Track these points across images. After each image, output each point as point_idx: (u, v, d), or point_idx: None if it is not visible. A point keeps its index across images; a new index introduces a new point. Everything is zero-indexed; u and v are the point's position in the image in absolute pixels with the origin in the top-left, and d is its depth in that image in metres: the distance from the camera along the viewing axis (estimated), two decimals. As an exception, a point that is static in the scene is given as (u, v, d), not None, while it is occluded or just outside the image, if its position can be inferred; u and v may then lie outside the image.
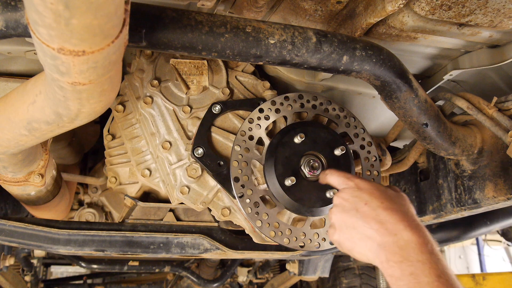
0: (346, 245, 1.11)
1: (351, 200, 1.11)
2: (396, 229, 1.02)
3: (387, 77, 1.23)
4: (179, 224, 1.77)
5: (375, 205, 1.07)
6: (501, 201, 1.50)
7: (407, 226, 1.01)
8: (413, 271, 0.95)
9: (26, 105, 1.10)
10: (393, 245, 1.00)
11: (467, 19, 1.28)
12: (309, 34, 1.14)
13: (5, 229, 1.59)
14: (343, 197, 1.14)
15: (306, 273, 2.98)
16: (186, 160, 1.49)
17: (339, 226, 1.13)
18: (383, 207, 1.06)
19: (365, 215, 1.07)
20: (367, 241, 1.05)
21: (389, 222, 1.03)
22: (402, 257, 0.98)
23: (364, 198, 1.09)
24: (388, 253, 1.00)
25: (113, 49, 0.78)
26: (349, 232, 1.10)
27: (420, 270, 0.95)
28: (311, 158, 1.36)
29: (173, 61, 1.53)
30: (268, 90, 1.60)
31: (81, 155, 2.40)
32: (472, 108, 1.49)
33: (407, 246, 0.99)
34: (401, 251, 0.99)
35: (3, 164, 1.44)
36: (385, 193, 1.11)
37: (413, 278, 0.95)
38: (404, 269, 0.96)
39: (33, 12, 0.67)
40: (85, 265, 3.47)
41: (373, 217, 1.05)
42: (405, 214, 1.05)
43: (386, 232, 1.02)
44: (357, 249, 1.08)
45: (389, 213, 1.04)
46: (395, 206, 1.06)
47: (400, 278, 0.97)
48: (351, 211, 1.10)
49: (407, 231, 1.00)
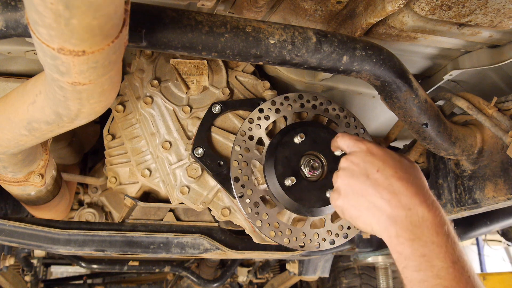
0: (351, 212, 1.02)
1: (362, 165, 1.01)
2: (410, 203, 0.92)
3: (387, 77, 1.23)
4: (179, 224, 1.77)
5: (389, 174, 0.97)
6: (501, 201, 1.50)
7: (423, 201, 0.92)
8: (426, 253, 0.87)
9: (26, 105, 1.10)
10: (406, 220, 0.91)
11: (467, 19, 1.28)
12: (309, 34, 1.14)
13: (5, 229, 1.59)
14: (352, 160, 1.04)
15: (306, 273, 2.98)
16: (186, 160, 1.49)
17: (345, 191, 1.03)
18: (397, 176, 0.96)
19: (377, 183, 0.97)
20: (375, 211, 0.96)
21: (403, 194, 0.94)
22: (415, 235, 0.89)
23: (377, 164, 0.99)
24: (399, 228, 0.91)
25: (113, 49, 0.78)
26: (355, 199, 1.00)
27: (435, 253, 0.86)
28: (311, 158, 1.36)
29: (173, 61, 1.53)
30: (268, 90, 1.61)
31: (81, 155, 2.40)
32: (472, 108, 1.49)
33: (422, 224, 0.90)
34: (414, 228, 0.90)
35: (3, 164, 1.44)
36: (400, 162, 1.01)
37: (425, 260, 0.87)
38: (416, 249, 0.88)
39: (33, 12, 0.67)
40: (85, 265, 3.47)
41: (386, 187, 0.96)
42: (421, 188, 0.96)
43: (399, 205, 0.93)
44: (362, 218, 0.99)
45: (404, 184, 0.95)
46: (410, 178, 0.97)
47: (410, 257, 0.88)
48: (360, 176, 1.00)
49: (423, 207, 0.91)
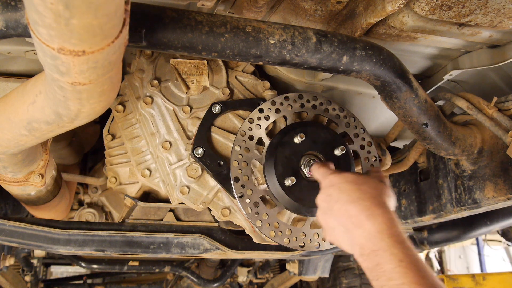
0: (337, 244, 1.12)
1: (326, 199, 1.12)
2: (359, 221, 1.02)
3: (387, 77, 1.23)
4: (179, 224, 1.77)
5: (344, 201, 1.07)
6: (501, 201, 1.50)
7: (369, 215, 1.01)
8: (378, 261, 0.95)
9: (26, 105, 1.10)
10: (360, 237, 1.00)
11: (467, 19, 1.28)
12: (309, 34, 1.14)
13: (5, 229, 1.59)
14: (320, 198, 1.16)
15: (306, 273, 2.98)
16: (186, 160, 1.49)
17: (326, 228, 1.14)
18: (350, 200, 1.06)
19: (337, 213, 1.07)
20: (344, 237, 1.06)
21: (354, 215, 1.03)
22: (369, 248, 0.98)
23: (335, 195, 1.10)
24: (358, 247, 1.01)
25: (113, 49, 0.78)
26: (332, 232, 1.11)
27: (383, 258, 0.94)
28: (311, 158, 1.36)
29: (173, 61, 1.53)
30: (268, 90, 1.60)
31: (81, 155, 2.40)
32: (472, 108, 1.49)
33: (370, 237, 0.99)
34: (367, 243, 0.99)
35: (3, 164, 1.44)
36: (355, 183, 1.10)
37: (379, 268, 0.94)
38: (373, 260, 0.96)
39: (33, 12, 0.67)
40: (85, 265, 3.47)
41: (342, 214, 1.06)
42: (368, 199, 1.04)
43: (353, 226, 1.03)
44: (344, 246, 1.09)
45: (354, 205, 1.04)
46: (360, 195, 1.06)
47: (372, 269, 0.96)
48: (328, 211, 1.11)
49: (368, 220, 1.00)
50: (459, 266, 8.45)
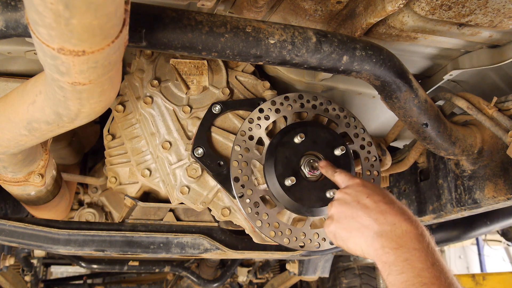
0: (342, 235, 1.13)
1: (353, 193, 1.14)
2: (395, 220, 1.04)
3: (387, 77, 1.23)
4: (179, 224, 1.77)
5: (377, 199, 1.10)
6: (501, 201, 1.50)
7: (407, 219, 1.04)
8: (408, 257, 0.97)
9: (26, 105, 1.10)
10: (391, 233, 1.02)
11: (467, 19, 1.28)
12: (309, 34, 1.14)
13: (5, 229, 1.59)
14: (346, 191, 1.17)
15: (306, 273, 2.98)
16: (186, 160, 1.49)
17: (337, 217, 1.14)
18: (384, 201, 1.09)
19: (366, 206, 1.09)
20: (364, 230, 1.07)
21: (389, 213, 1.06)
22: (398, 244, 1.00)
23: (366, 192, 1.13)
24: (384, 240, 1.02)
25: (113, 49, 0.78)
26: (347, 222, 1.12)
27: (416, 257, 0.96)
28: (311, 158, 1.36)
29: (173, 61, 1.53)
30: (268, 90, 1.60)
31: (81, 155, 2.40)
32: (472, 108, 1.49)
33: (405, 235, 1.01)
34: (398, 239, 1.00)
35: (3, 164, 1.44)
36: (387, 193, 1.14)
37: (407, 263, 0.96)
38: (399, 255, 0.98)
39: (33, 12, 0.67)
40: (85, 265, 3.47)
41: (373, 208, 1.08)
42: (404, 210, 1.08)
43: (385, 222, 1.04)
44: (352, 239, 1.10)
45: (390, 206, 1.07)
46: (395, 203, 1.10)
47: (394, 263, 0.98)
48: (352, 203, 1.12)
49: (406, 222, 1.03)
50: (459, 266, 8.46)
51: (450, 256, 8.10)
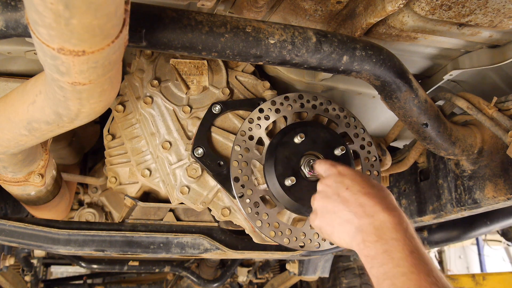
0: (326, 230, 1.13)
1: (333, 185, 1.14)
2: (373, 211, 1.04)
3: (387, 77, 1.23)
4: (179, 224, 1.77)
5: (356, 190, 1.09)
6: (501, 201, 1.50)
7: (384, 208, 1.04)
8: (387, 249, 0.97)
9: (26, 105, 1.10)
10: (370, 226, 1.02)
11: (467, 19, 1.28)
12: (309, 34, 1.14)
13: (5, 229, 1.59)
14: (326, 183, 1.16)
15: (306, 273, 2.98)
16: (186, 160, 1.49)
17: (321, 212, 1.15)
18: (363, 192, 1.08)
19: (346, 199, 1.09)
20: (345, 225, 1.07)
21: (367, 205, 1.06)
22: (378, 236, 1.00)
23: (346, 183, 1.12)
24: (364, 234, 1.02)
25: (113, 49, 0.78)
26: (329, 217, 1.12)
27: (394, 247, 0.97)
28: (311, 158, 1.36)
29: (173, 61, 1.53)
30: (268, 90, 1.60)
31: (81, 155, 2.40)
32: (472, 108, 1.49)
33: (382, 226, 1.01)
34: (376, 231, 1.01)
35: (3, 164, 1.44)
36: (367, 179, 1.13)
37: (386, 255, 0.97)
38: (379, 248, 0.98)
39: (33, 12, 0.67)
40: (85, 265, 3.47)
41: (353, 201, 1.08)
42: (383, 198, 1.08)
43: (364, 215, 1.04)
44: (336, 234, 1.10)
45: (368, 197, 1.07)
46: (374, 191, 1.09)
47: (375, 256, 0.98)
48: (332, 196, 1.12)
49: (383, 212, 1.03)
50: (459, 266, 8.46)
51: (450, 256, 8.10)
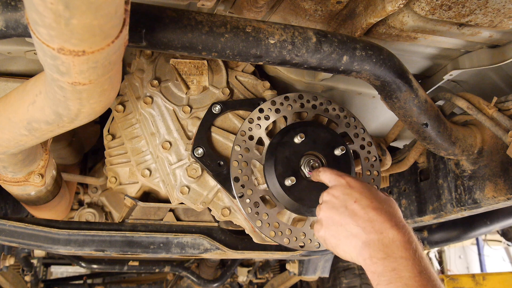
0: (331, 242, 1.11)
1: (341, 197, 1.12)
2: (382, 228, 1.02)
3: (387, 77, 1.23)
4: (179, 224, 1.77)
5: (365, 204, 1.07)
6: (501, 201, 1.50)
7: (393, 225, 1.02)
8: (395, 267, 0.96)
9: (26, 105, 1.10)
10: (378, 242, 1.01)
11: (467, 19, 1.28)
12: (309, 34, 1.14)
13: (5, 229, 1.59)
14: (333, 194, 1.14)
15: (306, 273, 2.98)
16: (186, 160, 1.49)
17: (326, 223, 1.13)
18: (372, 206, 1.07)
19: (354, 213, 1.07)
20: (352, 239, 1.06)
21: (376, 221, 1.04)
22: (386, 254, 0.99)
23: (354, 196, 1.10)
24: (372, 250, 1.01)
25: (113, 49, 0.78)
26: (335, 229, 1.10)
27: (403, 266, 0.96)
28: (311, 158, 1.36)
29: (173, 61, 1.53)
30: (268, 90, 1.60)
31: (81, 155, 2.40)
32: (472, 108, 1.49)
33: (392, 244, 1.00)
34: (385, 248, 1.00)
35: (3, 164, 1.44)
36: (375, 193, 1.11)
37: (395, 273, 0.96)
38: (387, 265, 0.97)
39: (33, 12, 0.67)
40: (85, 265, 3.47)
41: (361, 215, 1.06)
42: (392, 215, 1.06)
43: (373, 230, 1.03)
44: (341, 247, 1.09)
45: (377, 212, 1.05)
46: (383, 207, 1.07)
47: (382, 273, 0.97)
48: (340, 208, 1.10)
49: (393, 230, 1.01)
50: (459, 266, 8.46)
51: (450, 256, 8.10)
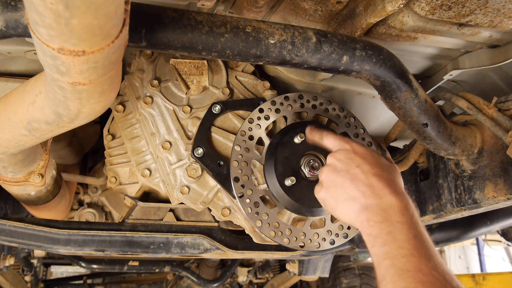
0: (330, 203, 1.15)
1: (344, 161, 1.14)
2: (381, 193, 1.06)
3: (387, 77, 1.23)
4: (179, 224, 1.77)
5: (366, 170, 1.10)
6: (501, 201, 1.50)
7: (393, 192, 1.05)
8: (391, 230, 0.99)
9: (26, 105, 1.10)
10: (376, 206, 1.04)
11: (467, 19, 1.28)
12: (309, 34, 1.14)
13: (5, 229, 1.59)
14: (336, 157, 1.17)
15: (306, 273, 2.98)
16: (186, 160, 1.49)
17: (327, 184, 1.16)
18: (373, 172, 1.10)
19: (355, 177, 1.10)
20: (351, 202, 1.09)
21: (376, 186, 1.07)
22: (383, 217, 1.02)
23: (357, 161, 1.13)
24: (370, 213, 1.04)
25: (113, 49, 0.78)
26: (335, 191, 1.13)
27: (398, 230, 0.99)
28: (311, 158, 1.36)
29: (173, 61, 1.53)
30: (268, 90, 1.60)
31: (81, 155, 2.40)
32: (472, 108, 1.49)
33: (389, 209, 1.03)
34: (383, 213, 1.03)
35: (3, 164, 1.44)
36: (378, 160, 1.14)
37: (390, 236, 0.98)
38: (383, 228, 1.00)
39: (33, 12, 0.67)
40: (85, 265, 3.47)
41: (362, 180, 1.09)
42: (392, 181, 1.09)
43: (372, 195, 1.06)
44: (339, 209, 1.12)
45: (378, 178, 1.08)
46: (384, 174, 1.10)
47: (378, 236, 1.00)
48: (342, 171, 1.13)
49: (392, 196, 1.05)
50: (459, 266, 8.47)
51: (450, 256, 8.11)
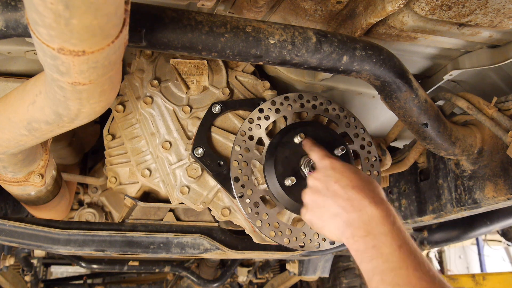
0: (317, 224, 1.15)
1: (322, 179, 1.15)
2: (361, 205, 1.05)
3: (387, 77, 1.23)
4: (179, 224, 1.77)
5: (344, 184, 1.10)
6: (501, 201, 1.50)
7: (372, 202, 1.04)
8: (375, 244, 0.98)
9: (26, 105, 1.10)
10: (358, 220, 1.03)
11: (467, 19, 1.28)
12: (309, 34, 1.14)
13: (5, 229, 1.59)
14: (315, 177, 1.17)
15: (306, 273, 2.98)
16: (186, 160, 1.49)
17: (311, 206, 1.16)
18: (351, 185, 1.09)
19: (334, 193, 1.10)
20: (335, 219, 1.08)
21: (355, 199, 1.06)
22: (366, 231, 1.01)
23: (336, 176, 1.13)
24: (353, 228, 1.03)
25: (113, 49, 0.78)
26: (319, 211, 1.13)
27: (382, 242, 0.98)
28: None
29: (173, 61, 1.53)
30: (268, 90, 1.60)
31: (81, 155, 2.40)
32: (472, 108, 1.49)
33: (371, 221, 1.02)
34: (365, 226, 1.02)
35: (3, 164, 1.44)
36: (356, 173, 1.14)
37: (375, 250, 0.98)
38: (368, 242, 0.99)
39: (33, 12, 0.67)
40: (85, 265, 3.47)
41: (341, 195, 1.09)
42: (371, 191, 1.08)
43: (352, 209, 1.05)
44: (326, 228, 1.12)
45: (356, 191, 1.08)
46: (363, 184, 1.10)
47: (364, 251, 1.00)
48: (322, 190, 1.13)
49: (371, 206, 1.04)
50: (459, 266, 8.46)
51: (450, 256, 8.11)
